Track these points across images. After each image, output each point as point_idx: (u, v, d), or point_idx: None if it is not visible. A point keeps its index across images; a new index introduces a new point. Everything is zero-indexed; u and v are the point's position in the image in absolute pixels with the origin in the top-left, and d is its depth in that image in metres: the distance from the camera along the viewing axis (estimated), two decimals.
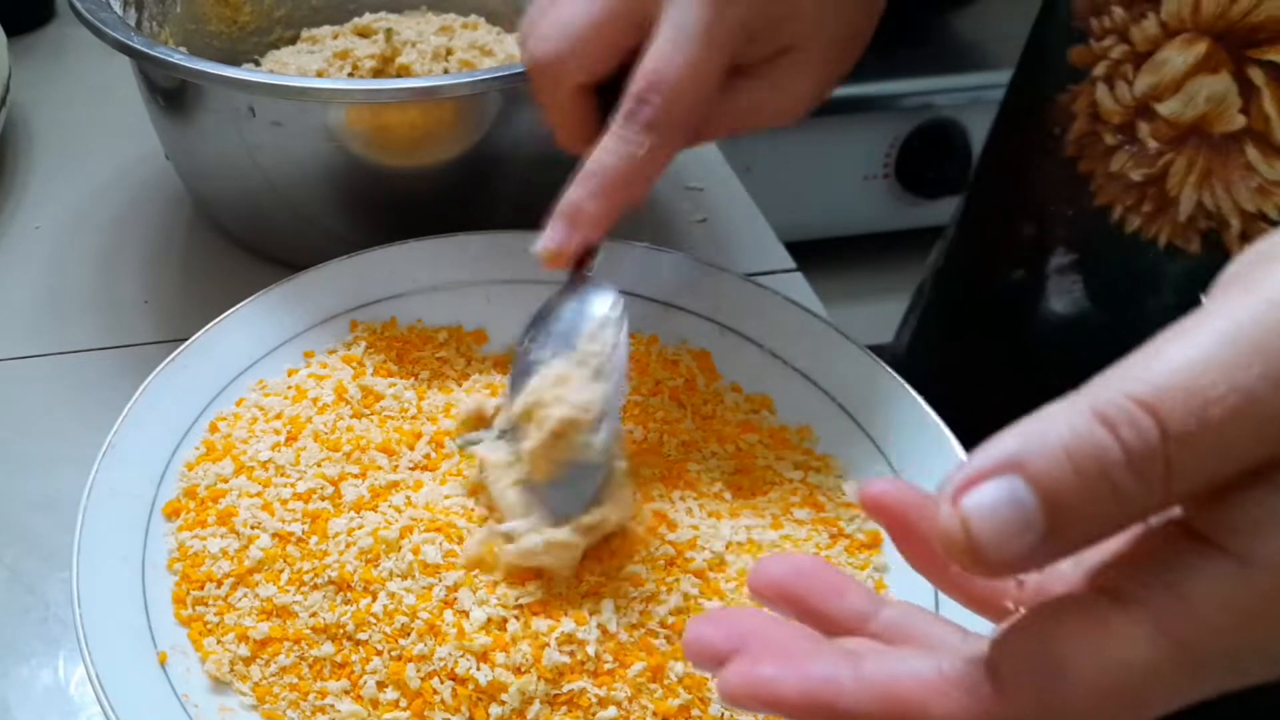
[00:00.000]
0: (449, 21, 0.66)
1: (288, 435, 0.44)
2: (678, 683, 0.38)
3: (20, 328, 0.57)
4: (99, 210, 0.64)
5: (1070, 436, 0.20)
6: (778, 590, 0.26)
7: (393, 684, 0.37)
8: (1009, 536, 0.20)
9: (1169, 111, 0.44)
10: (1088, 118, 0.47)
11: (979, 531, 0.20)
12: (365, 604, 0.39)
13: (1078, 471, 0.19)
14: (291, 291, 0.49)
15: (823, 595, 0.26)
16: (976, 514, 0.20)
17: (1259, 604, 0.20)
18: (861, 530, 0.44)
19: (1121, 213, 0.47)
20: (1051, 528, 0.20)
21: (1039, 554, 0.20)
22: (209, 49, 0.64)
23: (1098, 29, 0.46)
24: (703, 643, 0.23)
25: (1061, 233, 0.50)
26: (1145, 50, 0.44)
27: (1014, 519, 0.20)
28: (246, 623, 0.39)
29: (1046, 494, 0.19)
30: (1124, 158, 0.46)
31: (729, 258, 0.61)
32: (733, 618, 0.24)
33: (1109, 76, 0.46)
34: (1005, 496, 0.20)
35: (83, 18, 0.51)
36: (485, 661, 0.37)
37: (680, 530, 0.41)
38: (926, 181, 1.15)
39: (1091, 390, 0.20)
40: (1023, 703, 0.20)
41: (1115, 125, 0.46)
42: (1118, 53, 0.45)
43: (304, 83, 0.53)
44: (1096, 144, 0.47)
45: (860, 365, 0.48)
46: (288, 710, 0.37)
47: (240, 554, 0.40)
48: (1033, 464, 0.20)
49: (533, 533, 0.39)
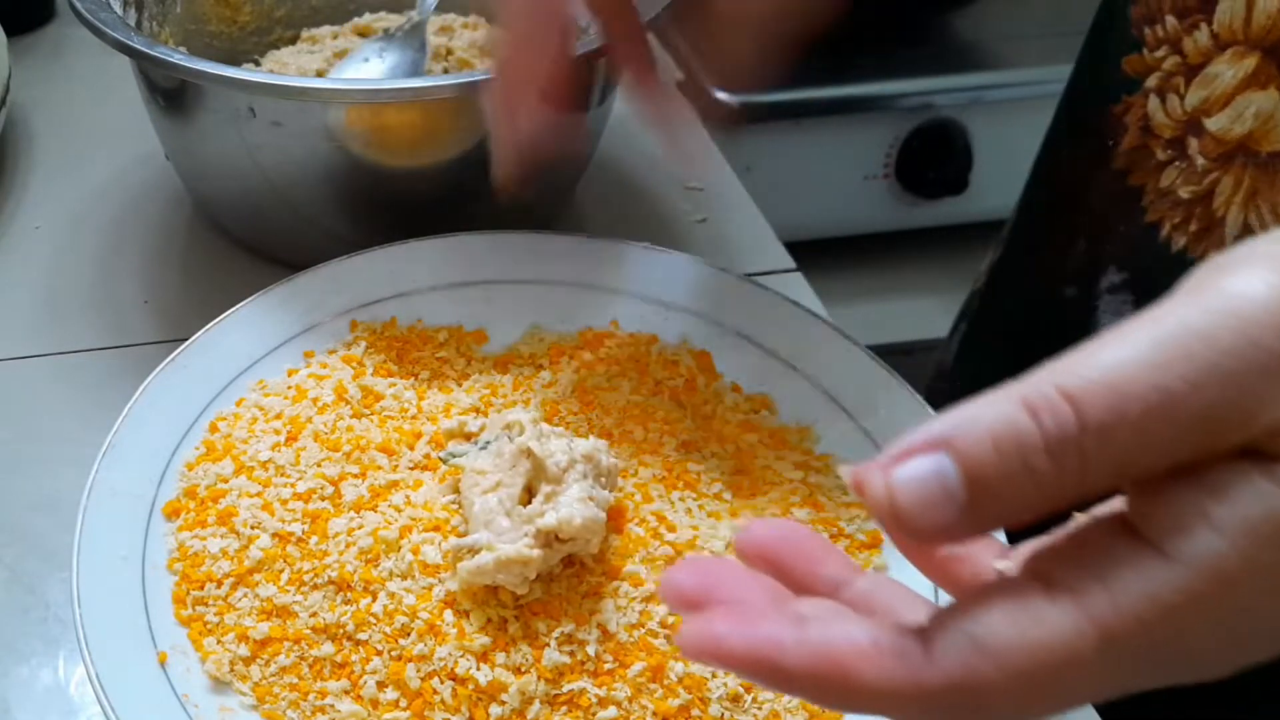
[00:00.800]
0: (449, 21, 0.66)
1: (288, 435, 0.44)
2: (677, 682, 0.38)
3: (20, 328, 0.57)
4: (99, 210, 0.64)
5: (996, 419, 0.21)
6: (760, 552, 0.27)
7: (393, 684, 0.37)
8: (930, 506, 0.21)
9: (1217, 127, 0.43)
10: (1139, 130, 0.46)
11: (903, 499, 0.21)
12: (365, 604, 0.39)
13: (998, 451, 0.21)
14: (291, 291, 0.49)
15: (804, 561, 0.27)
16: (903, 483, 0.21)
17: (1182, 601, 0.21)
18: (862, 530, 0.44)
19: (1169, 230, 0.46)
20: (970, 502, 0.21)
21: (958, 526, 0.21)
22: (209, 49, 0.64)
23: (1151, 39, 0.45)
24: (673, 585, 0.24)
25: (1112, 250, 0.49)
26: (1197, 62, 0.43)
27: (936, 491, 0.21)
28: (246, 623, 0.39)
29: (968, 470, 0.21)
30: (1173, 174, 0.45)
31: (729, 258, 0.61)
32: (707, 566, 0.25)
33: (1161, 89, 0.45)
34: (931, 470, 0.21)
35: (83, 18, 0.51)
36: (485, 661, 0.37)
37: (680, 531, 0.41)
38: (926, 181, 1.15)
39: (1026, 380, 0.22)
40: (947, 673, 0.21)
41: (1166, 140, 0.45)
42: (1170, 64, 0.44)
43: (304, 83, 0.53)
44: (1147, 158, 0.46)
45: (860, 365, 0.48)
46: (288, 710, 0.37)
47: (240, 554, 0.40)
48: (959, 442, 0.21)
49: (485, 549, 0.37)
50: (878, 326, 0.92)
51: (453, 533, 0.40)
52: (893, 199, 1.17)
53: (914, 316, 1.07)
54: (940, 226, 1.18)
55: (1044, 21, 1.14)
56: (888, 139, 1.13)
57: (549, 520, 0.37)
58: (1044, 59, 1.05)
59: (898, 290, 1.17)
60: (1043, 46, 1.07)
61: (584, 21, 0.48)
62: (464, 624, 0.38)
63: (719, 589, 0.24)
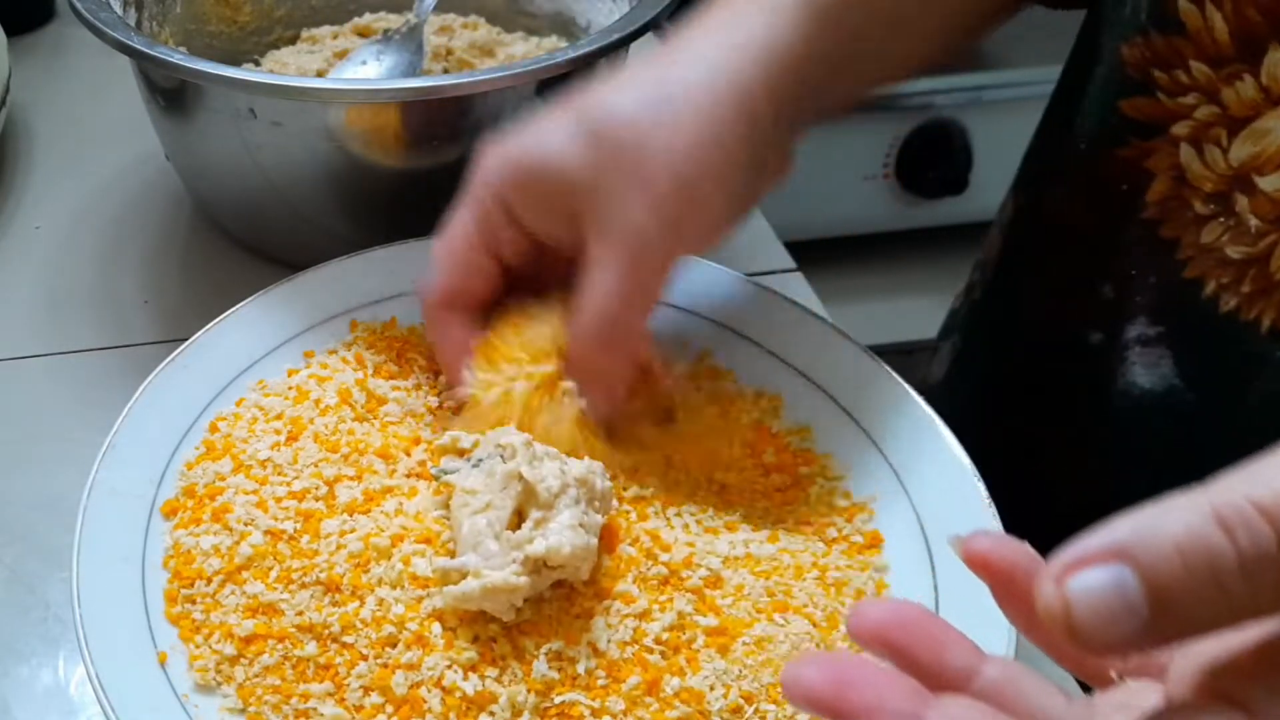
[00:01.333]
0: (449, 21, 0.66)
1: (288, 435, 0.44)
2: (674, 696, 0.37)
3: (20, 328, 0.57)
4: (99, 210, 0.64)
5: (1184, 533, 0.20)
6: (879, 637, 0.25)
7: (378, 689, 0.37)
8: (1110, 621, 0.20)
9: (1273, 188, 0.40)
10: (1171, 180, 0.43)
11: (1080, 613, 0.20)
12: (353, 608, 0.38)
13: (1187, 569, 0.20)
14: (291, 291, 0.49)
15: (926, 647, 0.25)
16: (1080, 596, 0.20)
17: None
18: (859, 532, 0.44)
19: (1215, 289, 0.43)
20: (1154, 619, 0.20)
21: (1139, 641, 0.20)
22: (209, 49, 0.64)
23: (1167, 83, 0.42)
24: (800, 683, 0.23)
25: (1144, 301, 0.46)
26: (1242, 115, 0.40)
27: (1117, 605, 0.20)
28: (231, 620, 0.39)
29: (1152, 586, 0.20)
30: (1218, 229, 0.42)
31: (729, 258, 0.61)
32: (835, 662, 0.24)
33: (1195, 138, 0.42)
34: (1110, 582, 0.20)
35: (83, 18, 0.51)
36: (474, 672, 0.37)
37: (675, 550, 0.41)
38: (926, 181, 1.15)
39: (1213, 489, 0.20)
40: None
41: (1206, 193, 0.42)
42: (1205, 114, 0.41)
43: (304, 83, 0.53)
44: (1183, 210, 0.43)
45: (860, 365, 0.48)
46: (271, 715, 0.37)
47: (232, 550, 0.40)
48: (1143, 555, 0.20)
49: (471, 575, 0.37)
50: (878, 326, 0.92)
51: (443, 548, 0.40)
52: (892, 199, 1.17)
53: (914, 316, 1.07)
54: (940, 226, 1.18)
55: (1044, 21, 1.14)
56: (888, 139, 1.13)
57: (537, 548, 0.37)
58: (1044, 59, 1.05)
59: (898, 290, 1.17)
60: (1043, 46, 1.07)
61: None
62: (452, 638, 0.38)
63: (854, 690, 0.23)
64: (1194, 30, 0.41)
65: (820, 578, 0.42)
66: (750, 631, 0.39)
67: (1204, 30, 0.41)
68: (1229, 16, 0.40)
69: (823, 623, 0.40)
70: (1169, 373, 0.46)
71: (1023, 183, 0.57)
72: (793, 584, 0.41)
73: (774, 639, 0.39)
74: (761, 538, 0.43)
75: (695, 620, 0.39)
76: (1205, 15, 0.41)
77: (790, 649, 0.39)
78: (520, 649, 0.38)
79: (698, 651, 0.38)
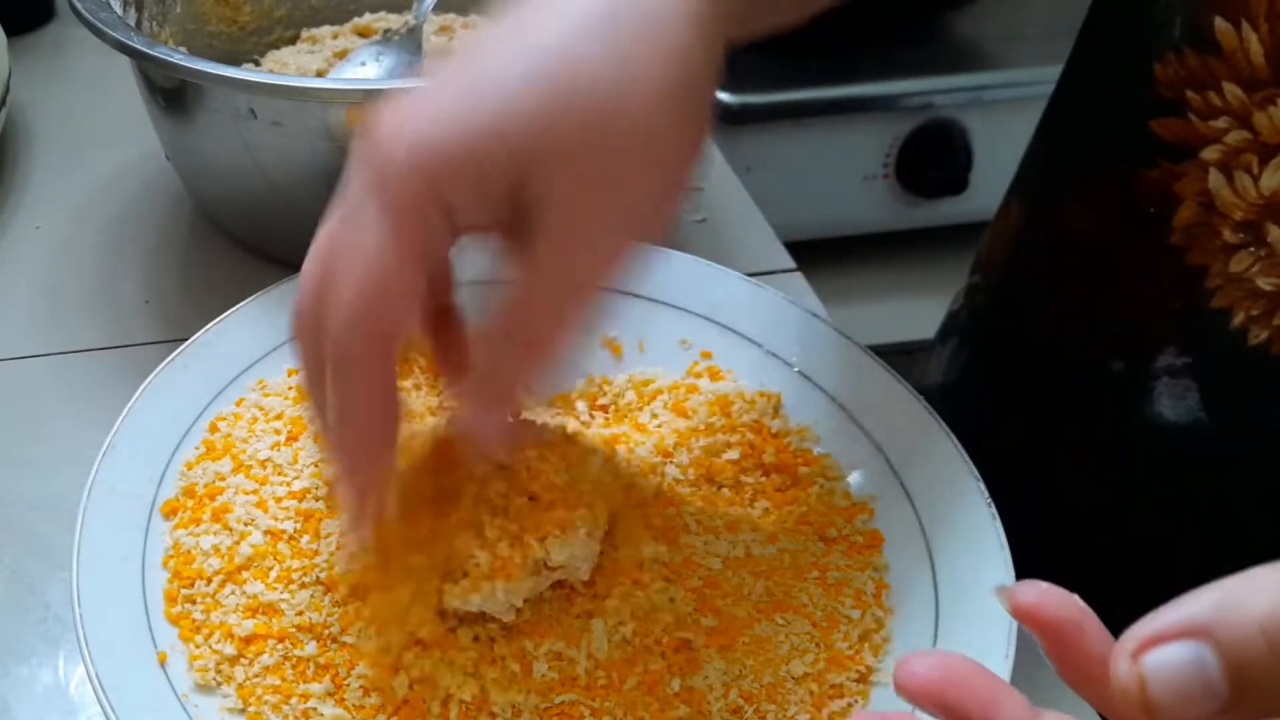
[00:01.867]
0: (449, 21, 0.66)
1: (288, 435, 0.44)
2: (675, 696, 0.37)
3: (20, 328, 0.57)
4: (99, 210, 0.64)
5: (1269, 611, 0.19)
6: (929, 694, 0.25)
7: (378, 690, 0.37)
8: (1188, 702, 0.19)
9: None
10: (1199, 206, 0.42)
11: (1157, 692, 0.20)
12: (353, 608, 0.38)
13: (1271, 650, 0.19)
14: (292, 291, 0.49)
15: (979, 705, 0.25)
16: (1158, 675, 0.20)
17: None
18: (859, 532, 0.44)
19: (1245, 320, 0.41)
20: (1235, 699, 0.19)
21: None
22: (209, 49, 0.64)
23: (1199, 105, 0.41)
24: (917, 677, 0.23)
25: (1170, 329, 0.45)
26: (1274, 142, 0.39)
27: (1196, 686, 0.19)
28: (231, 620, 0.39)
29: (1234, 666, 0.19)
30: (1247, 259, 0.41)
31: (729, 258, 0.61)
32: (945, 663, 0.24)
33: (1225, 164, 0.40)
34: (1190, 661, 0.19)
35: (83, 18, 0.51)
36: (474, 673, 0.37)
37: (675, 550, 0.41)
38: (926, 181, 1.15)
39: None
40: None
41: (1236, 221, 0.41)
42: (1235, 139, 0.40)
43: (304, 83, 0.53)
44: (1212, 238, 0.42)
45: (860, 365, 0.48)
46: (271, 715, 0.37)
47: (232, 550, 0.40)
48: (1224, 633, 0.19)
49: (471, 573, 0.36)
50: (878, 326, 0.92)
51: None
52: (892, 199, 1.17)
53: (914, 316, 1.07)
54: (940, 226, 1.17)
55: (1044, 21, 1.14)
56: (887, 139, 1.13)
57: (538, 551, 0.37)
58: (1044, 59, 1.05)
59: (898, 290, 1.17)
60: (1043, 46, 1.07)
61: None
62: (452, 639, 0.38)
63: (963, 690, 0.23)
64: (1229, 50, 0.40)
65: (820, 578, 0.42)
66: (750, 631, 0.39)
67: (1239, 51, 0.40)
68: (1264, 38, 0.39)
69: (822, 623, 0.40)
70: (1194, 405, 0.45)
71: (1023, 189, 0.57)
72: (793, 584, 0.41)
73: (774, 639, 0.39)
74: (762, 538, 0.43)
75: (695, 620, 0.39)
76: (1241, 35, 0.40)
77: (790, 649, 0.39)
78: (520, 650, 0.38)
79: (698, 651, 0.38)
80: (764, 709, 0.38)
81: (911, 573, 0.42)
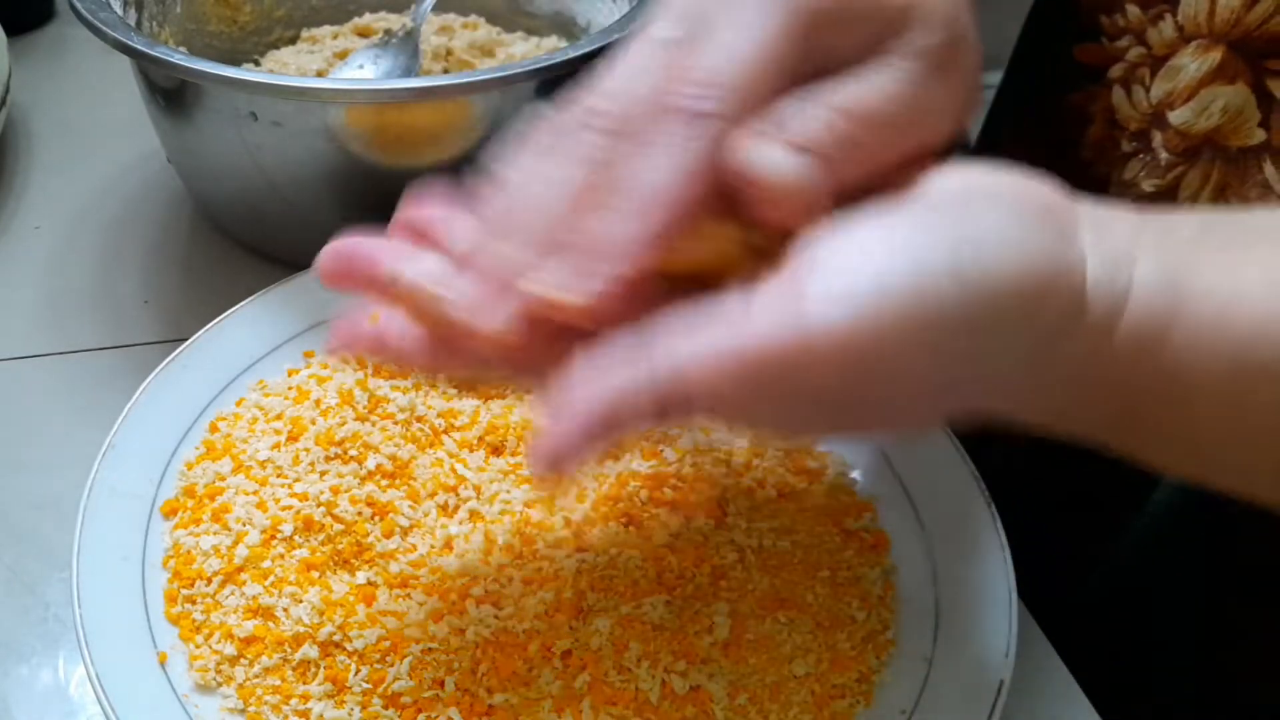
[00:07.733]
0: (449, 21, 0.66)
1: (288, 435, 0.44)
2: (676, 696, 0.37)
3: (20, 328, 0.57)
4: (99, 210, 0.64)
5: None
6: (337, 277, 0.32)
7: (378, 691, 0.37)
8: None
9: (1179, 121, 0.42)
10: (1105, 122, 0.45)
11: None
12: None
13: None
14: (291, 291, 0.49)
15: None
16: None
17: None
18: (863, 531, 0.44)
19: None
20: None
21: None
22: (209, 49, 0.64)
23: (1109, 27, 0.44)
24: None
25: None
26: (1162, 54, 0.42)
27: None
28: (231, 620, 0.39)
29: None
30: (1136, 166, 0.44)
31: None
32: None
33: (1125, 79, 0.44)
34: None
35: (83, 18, 0.51)
36: (474, 674, 0.37)
37: (678, 551, 0.41)
38: None
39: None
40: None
41: (1132, 132, 0.44)
42: (1134, 55, 0.43)
43: (304, 83, 0.53)
44: (1113, 149, 0.45)
45: None
46: (271, 715, 0.37)
47: (231, 551, 0.40)
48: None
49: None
50: None
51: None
52: None
53: None
54: None
55: None
56: None
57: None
58: None
59: None
60: None
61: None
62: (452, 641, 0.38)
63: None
64: None
65: (830, 577, 0.41)
66: (753, 631, 0.39)
67: None
68: None
69: (826, 623, 0.40)
70: None
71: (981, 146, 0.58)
72: (797, 583, 0.41)
73: (777, 639, 0.39)
74: (778, 526, 0.43)
75: (697, 620, 0.39)
76: None
77: (793, 649, 0.39)
78: (520, 645, 0.38)
79: (699, 652, 0.38)
80: (766, 709, 0.38)
81: (911, 572, 0.42)
